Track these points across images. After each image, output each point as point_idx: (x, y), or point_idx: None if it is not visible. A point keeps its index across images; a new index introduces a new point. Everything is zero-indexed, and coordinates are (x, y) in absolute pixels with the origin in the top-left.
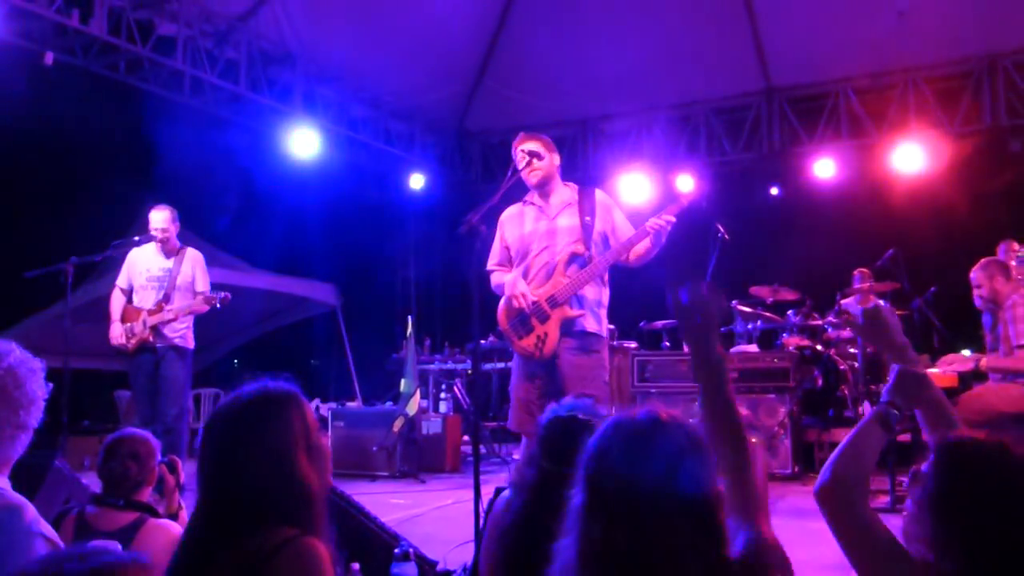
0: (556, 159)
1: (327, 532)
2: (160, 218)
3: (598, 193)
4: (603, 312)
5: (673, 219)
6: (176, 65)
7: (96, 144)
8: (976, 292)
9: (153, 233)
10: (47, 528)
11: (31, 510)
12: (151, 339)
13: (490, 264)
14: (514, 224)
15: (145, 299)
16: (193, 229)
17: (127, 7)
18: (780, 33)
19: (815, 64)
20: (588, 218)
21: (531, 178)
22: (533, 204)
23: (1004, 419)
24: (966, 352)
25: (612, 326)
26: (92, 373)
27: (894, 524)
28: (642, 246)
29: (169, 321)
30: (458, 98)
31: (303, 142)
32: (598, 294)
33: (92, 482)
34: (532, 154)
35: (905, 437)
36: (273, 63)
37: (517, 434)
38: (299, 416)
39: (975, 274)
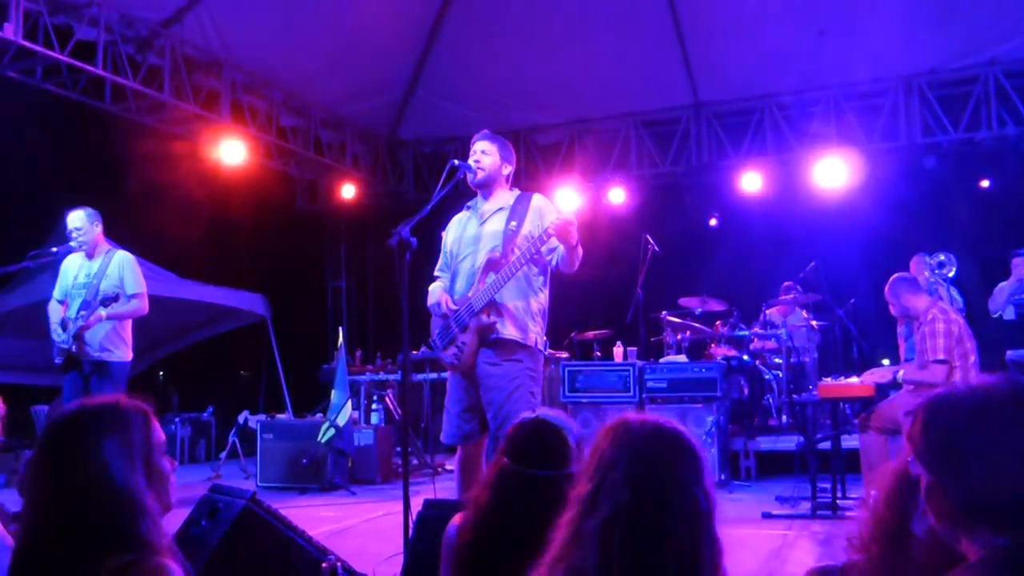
0: (507, 168)
1: (175, 554)
2: (76, 218)
3: (535, 198)
4: (532, 320)
5: (571, 217)
6: (96, 71)
7: (12, 152)
8: (891, 308)
9: (70, 235)
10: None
11: None
12: (75, 351)
13: (436, 271)
14: (454, 229)
15: (73, 309)
16: (115, 238)
17: (44, 11)
18: (707, 49)
19: (741, 80)
20: (514, 223)
21: (475, 175)
22: (475, 209)
23: None
24: (886, 362)
25: (544, 338)
26: (7, 388)
27: (815, 530)
28: (557, 251)
29: (87, 328)
30: (390, 108)
31: (230, 150)
32: (523, 299)
33: (7, 500)
34: (481, 152)
35: (826, 445)
36: (199, 70)
37: (451, 447)
38: (141, 433)
39: (886, 292)
